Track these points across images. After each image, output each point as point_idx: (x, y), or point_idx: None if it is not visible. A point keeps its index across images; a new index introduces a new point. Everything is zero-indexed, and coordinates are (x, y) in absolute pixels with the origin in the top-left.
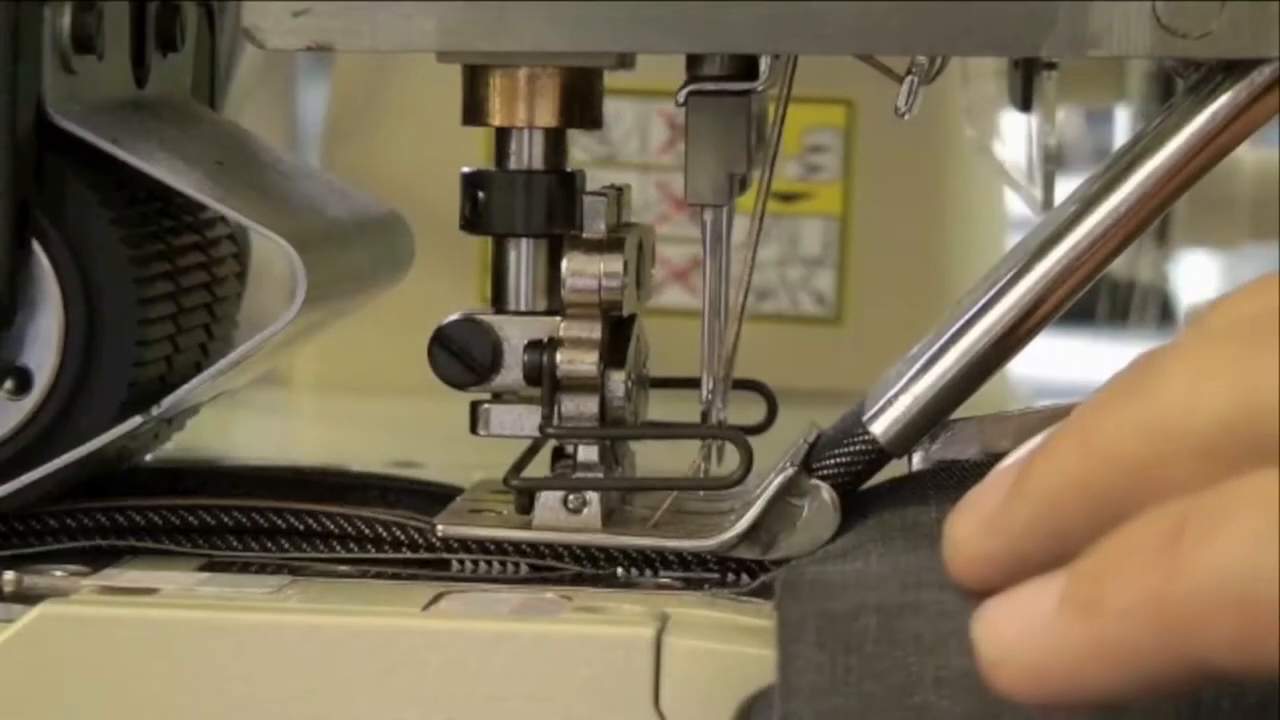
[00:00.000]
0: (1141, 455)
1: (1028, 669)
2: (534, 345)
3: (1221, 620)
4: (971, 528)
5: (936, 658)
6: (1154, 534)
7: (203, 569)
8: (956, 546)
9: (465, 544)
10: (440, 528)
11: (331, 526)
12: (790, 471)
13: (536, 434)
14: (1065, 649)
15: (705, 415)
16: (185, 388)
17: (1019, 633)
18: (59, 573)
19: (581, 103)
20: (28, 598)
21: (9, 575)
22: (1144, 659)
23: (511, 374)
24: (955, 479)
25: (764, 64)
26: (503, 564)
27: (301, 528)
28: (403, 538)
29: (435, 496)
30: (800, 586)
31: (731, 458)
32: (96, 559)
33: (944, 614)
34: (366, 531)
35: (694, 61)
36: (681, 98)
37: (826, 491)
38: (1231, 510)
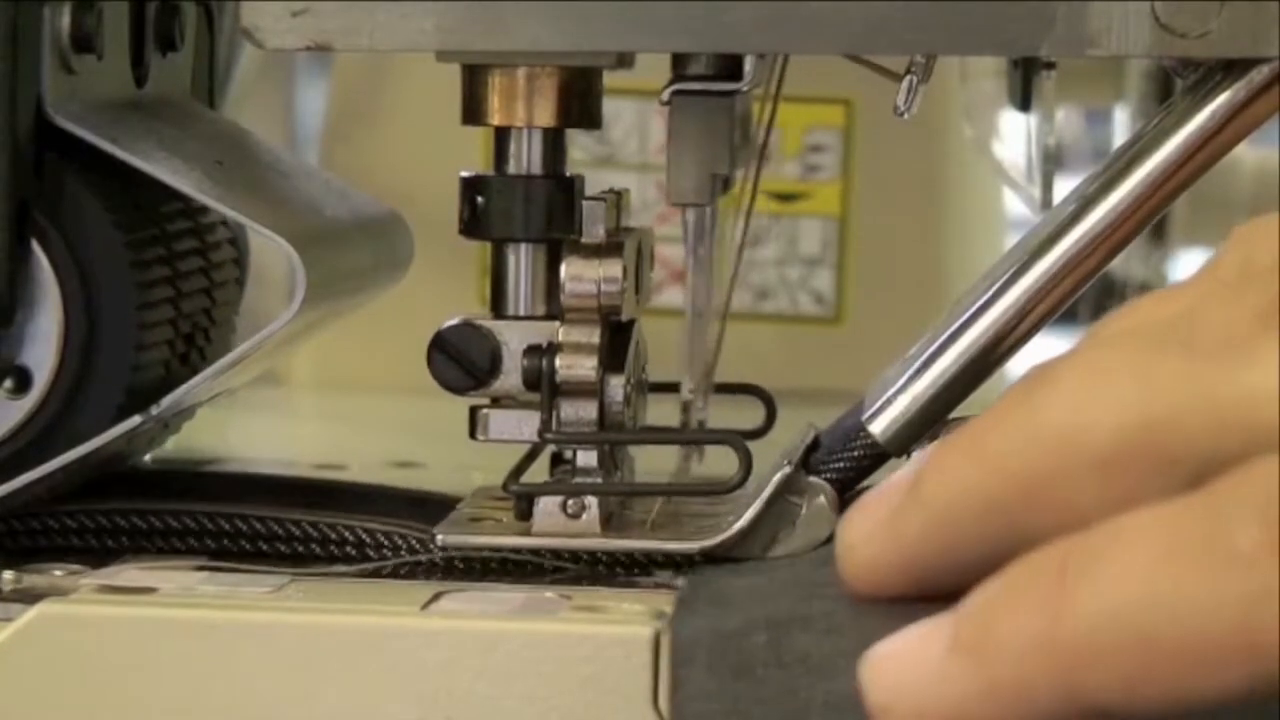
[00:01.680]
0: (1034, 469)
1: (917, 713)
2: (533, 350)
3: (1108, 659)
4: (864, 532)
5: (825, 681)
6: (1041, 573)
7: (202, 568)
8: (850, 550)
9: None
10: (440, 536)
11: (331, 534)
12: (788, 470)
13: (535, 439)
14: (954, 692)
15: (685, 414)
16: (184, 387)
17: (908, 676)
18: (58, 572)
19: (580, 102)
20: (27, 597)
21: (8, 575)
22: (1034, 701)
23: (510, 379)
24: None
25: (749, 64)
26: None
27: (300, 534)
28: (402, 545)
29: (435, 505)
30: (697, 600)
31: (718, 459)
32: (96, 558)
33: (833, 629)
34: (366, 539)
35: (679, 61)
36: (666, 96)
37: (825, 490)
38: (1113, 548)
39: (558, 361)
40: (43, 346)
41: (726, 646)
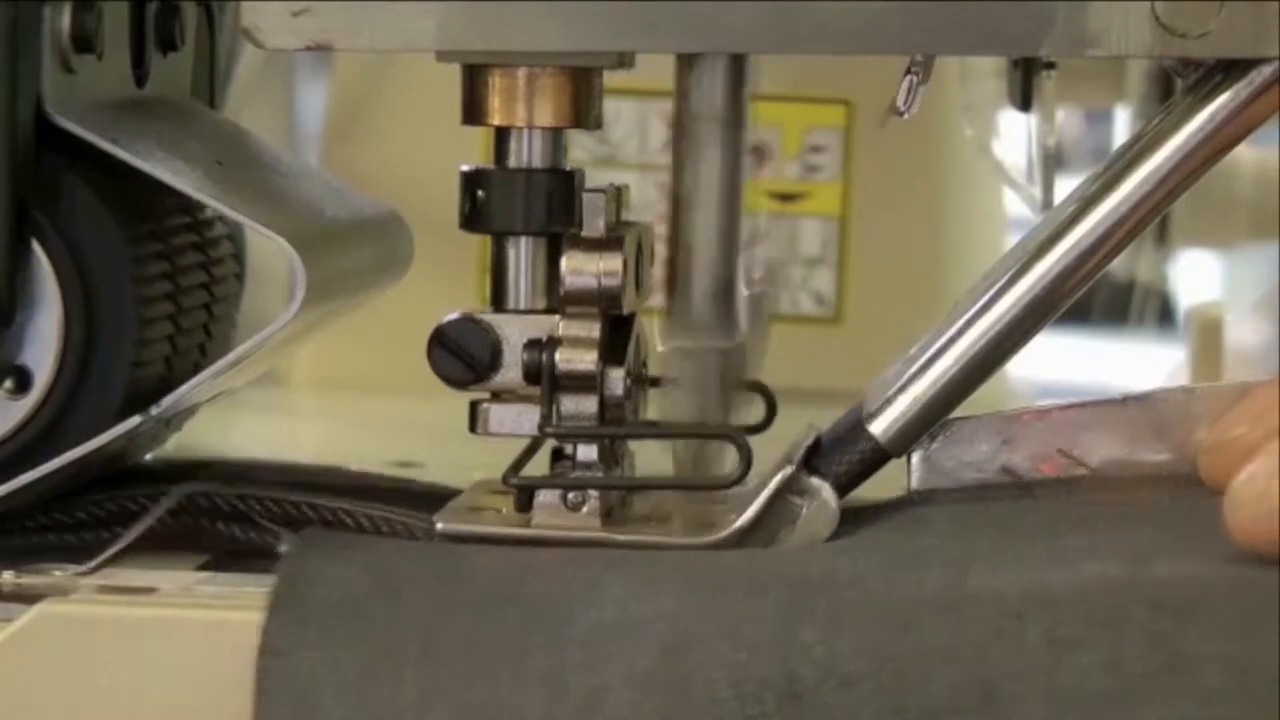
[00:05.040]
0: None
1: None
2: (533, 344)
3: None
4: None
5: None
6: None
7: (202, 567)
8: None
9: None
10: (440, 525)
11: (330, 518)
12: (789, 470)
13: (536, 433)
14: None
15: None
16: (184, 387)
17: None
18: (57, 571)
19: (581, 102)
20: (26, 597)
21: (7, 575)
22: None
23: (511, 373)
24: None
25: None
26: None
27: (300, 517)
28: (401, 532)
29: (435, 498)
30: (278, 685)
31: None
32: (95, 557)
33: None
34: (367, 525)
35: None
36: None
37: (826, 490)
38: None
39: (558, 355)
40: (43, 346)
41: None
